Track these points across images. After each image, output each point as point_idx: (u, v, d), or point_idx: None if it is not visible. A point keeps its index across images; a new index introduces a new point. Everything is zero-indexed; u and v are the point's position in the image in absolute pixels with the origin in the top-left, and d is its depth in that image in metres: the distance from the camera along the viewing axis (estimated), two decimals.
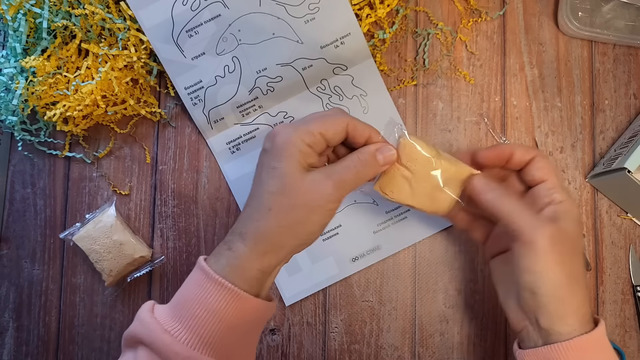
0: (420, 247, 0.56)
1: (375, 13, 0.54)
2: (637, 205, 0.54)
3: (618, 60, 0.57)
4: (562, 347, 0.37)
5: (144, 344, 0.37)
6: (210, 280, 0.38)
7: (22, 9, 0.51)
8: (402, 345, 0.55)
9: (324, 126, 0.39)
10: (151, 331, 0.37)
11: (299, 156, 0.38)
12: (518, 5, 0.58)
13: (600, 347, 0.39)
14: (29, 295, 0.56)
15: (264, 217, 0.38)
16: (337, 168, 0.40)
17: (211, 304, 0.37)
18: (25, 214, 0.57)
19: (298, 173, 0.38)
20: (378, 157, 0.41)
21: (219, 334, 0.37)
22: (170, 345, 0.36)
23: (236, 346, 0.39)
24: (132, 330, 0.38)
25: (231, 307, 0.38)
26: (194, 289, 0.39)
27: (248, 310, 0.39)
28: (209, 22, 0.52)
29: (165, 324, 0.37)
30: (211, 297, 0.37)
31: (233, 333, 0.38)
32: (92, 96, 0.52)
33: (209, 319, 0.37)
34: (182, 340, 0.36)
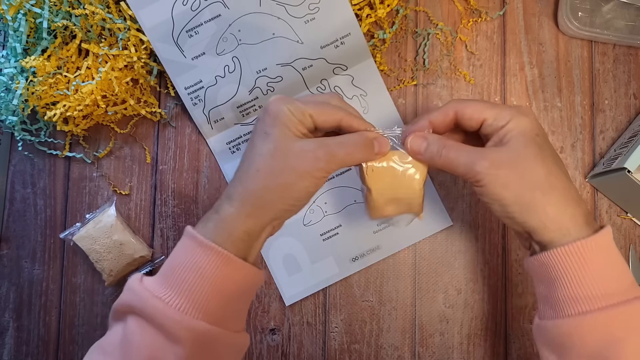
0: (420, 247, 0.56)
1: (375, 13, 0.54)
2: (637, 205, 0.54)
3: (618, 60, 0.57)
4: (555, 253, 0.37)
5: (134, 313, 0.37)
6: (198, 245, 0.38)
7: (22, 9, 0.51)
8: (402, 345, 0.55)
9: (316, 111, 0.40)
10: (142, 298, 0.37)
11: (290, 124, 0.39)
12: (518, 5, 0.58)
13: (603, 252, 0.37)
14: (29, 295, 0.56)
15: (251, 177, 0.39)
16: (331, 141, 0.40)
17: (201, 268, 0.37)
18: (26, 214, 0.57)
19: (289, 139, 0.39)
20: (375, 144, 0.41)
21: (210, 298, 0.37)
22: (162, 311, 0.36)
23: (227, 311, 0.39)
24: (121, 299, 0.38)
25: (221, 271, 0.38)
26: (183, 255, 0.39)
27: (237, 275, 0.39)
28: (209, 22, 0.52)
29: (156, 292, 0.37)
30: (201, 262, 0.38)
31: (224, 297, 0.38)
32: (92, 96, 0.52)
33: (200, 283, 0.37)
34: (174, 306, 0.36)
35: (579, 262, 0.37)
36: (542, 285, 0.40)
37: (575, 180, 0.56)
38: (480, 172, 0.38)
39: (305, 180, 0.39)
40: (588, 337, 0.36)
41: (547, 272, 0.38)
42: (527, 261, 0.41)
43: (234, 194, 0.39)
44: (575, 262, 0.37)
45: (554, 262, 0.37)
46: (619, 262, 0.38)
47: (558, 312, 0.38)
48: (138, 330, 0.37)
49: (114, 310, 0.39)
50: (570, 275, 0.37)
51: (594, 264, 0.37)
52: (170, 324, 0.36)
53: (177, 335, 0.36)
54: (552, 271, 0.38)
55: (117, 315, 0.39)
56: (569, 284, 0.37)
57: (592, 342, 0.36)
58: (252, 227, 0.39)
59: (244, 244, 0.39)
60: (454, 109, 0.41)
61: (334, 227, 0.56)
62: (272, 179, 0.39)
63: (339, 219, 0.56)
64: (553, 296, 0.38)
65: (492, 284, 0.55)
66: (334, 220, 0.56)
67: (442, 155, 0.40)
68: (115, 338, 0.38)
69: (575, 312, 0.36)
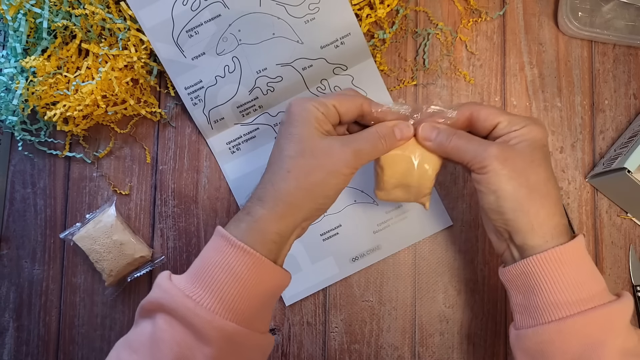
0: (420, 247, 0.56)
1: (375, 13, 0.54)
2: (637, 205, 0.54)
3: (618, 60, 0.57)
4: (536, 259, 0.38)
5: (163, 311, 0.37)
6: (231, 245, 0.38)
7: (23, 9, 0.51)
8: (402, 345, 0.55)
9: (339, 101, 0.41)
10: (173, 296, 0.37)
11: (314, 122, 0.40)
12: (518, 5, 0.58)
13: (578, 259, 0.38)
14: (29, 295, 0.56)
15: (283, 179, 0.39)
16: (356, 137, 0.41)
17: (233, 269, 0.38)
18: (26, 214, 0.57)
19: (316, 137, 0.40)
20: (395, 131, 0.42)
21: (240, 299, 0.38)
22: (193, 310, 0.36)
23: (255, 312, 0.39)
24: (152, 297, 0.38)
25: (252, 272, 0.38)
26: (214, 255, 0.39)
27: (267, 276, 0.39)
28: (209, 22, 0.52)
29: (186, 290, 0.37)
30: (233, 262, 0.38)
31: (253, 299, 0.38)
32: (92, 96, 0.52)
33: (231, 283, 0.37)
34: (204, 305, 0.37)
35: (557, 269, 0.38)
36: (519, 295, 0.40)
37: (575, 180, 0.56)
38: (486, 159, 0.39)
39: (335, 177, 0.40)
40: (569, 341, 0.37)
41: (527, 280, 0.39)
42: (504, 271, 0.41)
43: (265, 196, 0.40)
44: (554, 269, 0.38)
45: (534, 269, 0.38)
46: (592, 268, 0.39)
47: (538, 319, 0.38)
48: (167, 328, 0.37)
49: (142, 307, 0.39)
50: (549, 281, 0.38)
51: (571, 270, 0.38)
52: (200, 323, 0.36)
53: (207, 335, 0.36)
54: (531, 278, 0.38)
55: (145, 312, 0.39)
56: (548, 290, 0.38)
57: (573, 346, 0.37)
58: (284, 229, 0.40)
59: (275, 245, 0.40)
60: (470, 109, 0.42)
61: (334, 227, 0.56)
62: (304, 179, 0.39)
63: (339, 219, 0.56)
64: (532, 304, 0.38)
65: (492, 284, 0.55)
66: (334, 220, 0.56)
67: (452, 141, 0.41)
68: (143, 335, 0.38)
69: (555, 318, 0.37)
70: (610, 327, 0.37)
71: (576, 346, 0.36)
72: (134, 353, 0.38)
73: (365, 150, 0.41)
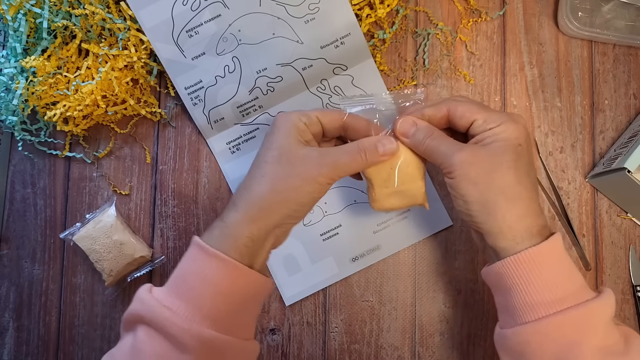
0: (420, 247, 0.56)
1: (375, 13, 0.54)
2: (637, 205, 0.54)
3: (618, 60, 0.57)
4: (508, 261, 0.38)
5: (143, 322, 0.38)
6: (203, 252, 0.39)
7: (23, 9, 0.51)
8: (402, 345, 0.55)
9: (322, 112, 0.42)
10: (150, 307, 0.37)
11: (294, 131, 0.41)
12: (518, 5, 0.58)
13: (553, 259, 0.38)
14: (29, 295, 0.56)
15: (258, 182, 0.40)
16: (335, 149, 0.41)
17: (207, 276, 0.38)
18: (26, 214, 0.57)
19: (294, 145, 0.40)
20: (378, 146, 0.42)
21: (216, 305, 0.38)
22: (169, 319, 0.37)
23: (234, 318, 0.39)
24: (131, 309, 0.39)
25: (226, 278, 0.38)
26: (189, 264, 0.39)
27: (243, 282, 0.39)
28: (209, 22, 0.52)
29: (164, 301, 0.38)
30: (206, 269, 0.38)
31: (230, 304, 0.39)
32: (92, 96, 0.52)
33: (205, 290, 0.38)
34: (180, 314, 0.37)
35: (531, 269, 0.37)
36: (499, 295, 0.40)
37: (575, 180, 0.56)
38: (454, 165, 0.39)
39: (310, 185, 0.40)
40: (546, 343, 0.37)
41: (503, 281, 0.39)
42: (484, 272, 0.41)
43: (239, 200, 0.40)
44: (527, 270, 0.37)
45: (508, 271, 0.38)
46: (569, 266, 0.39)
47: (516, 320, 0.38)
48: (147, 339, 0.37)
49: (124, 320, 0.40)
50: (524, 282, 0.37)
51: (545, 270, 0.37)
52: (177, 332, 0.36)
53: (185, 343, 0.36)
54: (507, 280, 0.38)
55: (127, 325, 0.39)
56: (523, 291, 0.38)
57: (550, 347, 0.36)
58: (255, 233, 0.40)
59: (248, 250, 0.40)
60: (447, 106, 0.42)
61: (334, 227, 0.56)
62: (278, 183, 0.40)
63: (339, 219, 0.56)
64: (510, 304, 0.39)
65: None
66: (334, 220, 0.56)
67: (426, 142, 0.41)
68: (125, 348, 0.38)
69: (531, 319, 0.37)
70: (587, 326, 0.36)
71: (553, 347, 0.36)
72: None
73: (343, 161, 0.40)
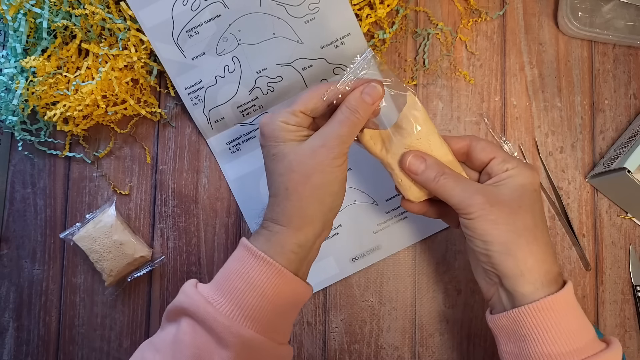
0: (420, 247, 0.56)
1: (375, 13, 0.54)
2: (637, 205, 0.54)
3: (618, 60, 0.57)
4: (528, 309, 0.38)
5: (187, 315, 0.39)
6: (251, 255, 0.40)
7: (23, 9, 0.51)
8: (402, 345, 0.55)
9: (303, 103, 0.41)
10: (195, 301, 0.38)
11: (289, 136, 0.41)
12: (518, 5, 0.58)
13: (569, 307, 0.39)
14: (29, 295, 0.56)
15: (285, 198, 0.40)
16: (330, 126, 0.41)
17: (252, 278, 0.39)
18: (26, 214, 0.57)
19: (296, 147, 0.40)
20: (365, 98, 0.41)
21: (258, 307, 0.39)
22: (212, 315, 0.38)
23: (274, 322, 0.40)
24: (176, 301, 0.40)
25: (271, 282, 0.39)
26: (236, 264, 0.40)
27: (287, 287, 0.40)
28: (209, 22, 0.52)
29: (208, 297, 0.39)
30: (252, 272, 0.39)
31: (272, 308, 0.39)
32: (92, 96, 0.52)
33: (250, 291, 0.39)
34: (223, 311, 0.38)
35: (550, 318, 0.38)
36: (509, 343, 0.40)
37: (575, 180, 0.56)
38: (473, 205, 0.39)
39: (330, 173, 0.40)
40: None
41: (518, 329, 0.39)
42: (494, 318, 0.41)
43: (276, 214, 0.41)
44: (547, 318, 0.38)
45: (527, 319, 0.38)
46: (582, 315, 0.39)
47: None
48: (189, 330, 0.38)
49: (168, 311, 0.41)
50: (542, 332, 0.38)
51: (563, 319, 0.38)
52: (219, 328, 0.37)
53: (226, 339, 0.37)
54: (524, 328, 0.38)
55: (171, 316, 0.40)
56: (542, 340, 0.37)
57: None
58: (303, 240, 0.41)
59: (295, 256, 0.40)
60: (470, 139, 0.43)
61: (334, 227, 0.56)
62: (303, 189, 0.40)
63: (339, 219, 0.56)
64: (524, 354, 0.38)
65: None
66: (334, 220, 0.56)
67: (439, 181, 0.41)
68: (167, 337, 0.40)
69: None
70: None
71: None
72: (157, 353, 0.39)
73: (343, 132, 0.40)
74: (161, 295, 0.56)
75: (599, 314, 0.55)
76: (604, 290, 0.55)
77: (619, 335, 0.55)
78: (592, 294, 0.55)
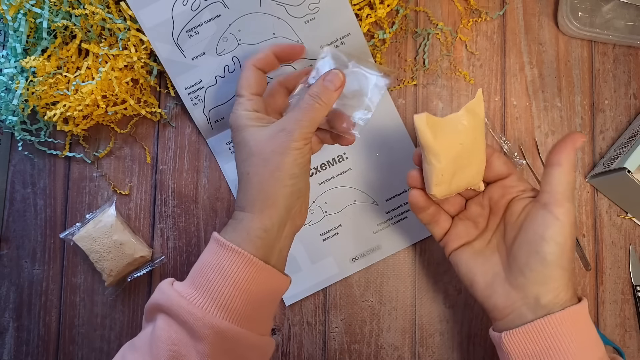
0: (420, 247, 0.56)
1: (375, 13, 0.54)
2: (637, 205, 0.54)
3: (618, 60, 0.57)
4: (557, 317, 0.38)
5: (162, 311, 0.39)
6: (220, 246, 0.40)
7: (23, 9, 0.51)
8: (402, 345, 0.55)
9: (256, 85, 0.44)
10: (169, 297, 0.39)
11: (249, 123, 0.42)
12: (518, 5, 0.58)
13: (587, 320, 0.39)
14: (29, 295, 0.56)
15: (247, 182, 0.41)
16: (292, 112, 0.42)
17: (223, 268, 0.39)
18: (26, 214, 0.57)
19: (256, 134, 0.42)
20: (327, 85, 0.42)
21: (231, 296, 0.39)
22: (185, 308, 0.38)
23: (250, 312, 0.40)
24: (151, 299, 0.41)
25: (242, 271, 0.39)
26: (207, 257, 0.41)
27: (259, 275, 0.40)
28: (209, 22, 0.52)
29: (182, 292, 0.39)
30: (222, 262, 0.39)
31: (246, 297, 0.39)
32: (92, 96, 0.52)
33: (221, 282, 0.39)
34: (196, 304, 0.38)
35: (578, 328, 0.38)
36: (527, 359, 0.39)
37: (575, 180, 0.56)
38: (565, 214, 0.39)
39: (289, 155, 0.40)
40: None
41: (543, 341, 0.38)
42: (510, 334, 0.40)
43: (240, 201, 0.42)
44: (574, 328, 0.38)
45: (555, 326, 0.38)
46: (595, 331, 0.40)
47: None
48: (164, 326, 0.38)
49: (146, 310, 0.41)
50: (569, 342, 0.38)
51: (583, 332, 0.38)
52: (191, 320, 0.38)
53: (200, 332, 0.37)
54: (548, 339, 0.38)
55: (149, 315, 0.41)
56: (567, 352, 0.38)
57: None
58: (268, 223, 0.41)
59: (262, 242, 0.40)
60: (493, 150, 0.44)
61: (334, 227, 0.56)
62: (262, 171, 0.41)
63: (339, 219, 0.56)
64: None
65: None
66: (334, 220, 0.56)
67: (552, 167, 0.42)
68: (145, 335, 0.40)
69: None
70: None
71: None
72: (135, 352, 0.39)
73: (303, 117, 0.41)
74: None
75: (599, 314, 0.55)
76: (604, 290, 0.55)
77: (619, 335, 0.55)
78: (592, 294, 0.55)
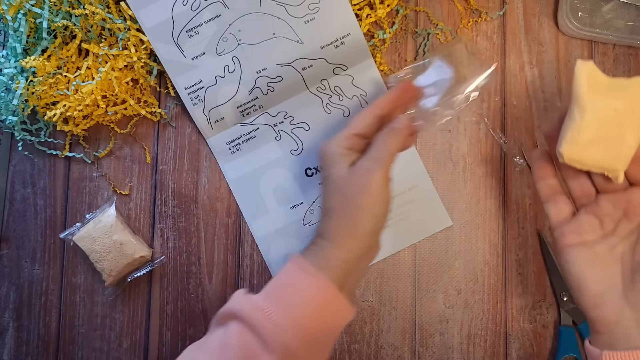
0: (420, 247, 0.56)
1: (375, 13, 0.54)
2: None
3: (618, 60, 0.57)
4: None
5: (236, 319, 0.41)
6: (301, 268, 0.42)
7: (23, 9, 0.51)
8: (402, 345, 0.55)
9: (354, 125, 0.45)
10: (245, 306, 0.41)
11: (341, 159, 0.44)
12: (518, 5, 0.58)
13: None
14: (29, 295, 0.56)
15: (331, 215, 0.44)
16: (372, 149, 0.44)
17: (300, 289, 0.41)
18: (26, 214, 0.57)
19: (345, 171, 0.44)
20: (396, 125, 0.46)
21: (305, 317, 0.40)
22: (261, 320, 0.39)
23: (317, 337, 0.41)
24: (226, 306, 0.42)
25: (319, 295, 0.41)
26: (286, 277, 0.43)
27: (332, 302, 0.42)
28: (209, 22, 0.52)
29: (258, 304, 0.41)
30: (301, 282, 0.41)
31: (317, 323, 0.41)
32: (92, 96, 0.52)
33: (298, 301, 0.41)
34: (273, 318, 0.40)
35: None
36: None
37: None
38: None
39: (370, 194, 0.42)
40: None
41: None
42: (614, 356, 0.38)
43: (322, 230, 0.44)
44: None
45: None
46: None
47: None
48: (237, 333, 0.40)
49: (218, 315, 0.42)
50: None
51: None
52: (267, 332, 0.39)
53: (272, 344, 0.39)
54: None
55: (220, 320, 0.42)
56: None
57: None
58: (348, 255, 0.42)
59: (342, 272, 0.42)
60: None
61: None
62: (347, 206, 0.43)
63: None
64: None
65: (492, 284, 0.55)
66: None
67: None
68: (215, 339, 0.41)
69: None
70: None
71: None
72: (205, 353, 0.41)
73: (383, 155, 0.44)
74: (161, 295, 0.56)
75: None
76: None
77: None
78: None
